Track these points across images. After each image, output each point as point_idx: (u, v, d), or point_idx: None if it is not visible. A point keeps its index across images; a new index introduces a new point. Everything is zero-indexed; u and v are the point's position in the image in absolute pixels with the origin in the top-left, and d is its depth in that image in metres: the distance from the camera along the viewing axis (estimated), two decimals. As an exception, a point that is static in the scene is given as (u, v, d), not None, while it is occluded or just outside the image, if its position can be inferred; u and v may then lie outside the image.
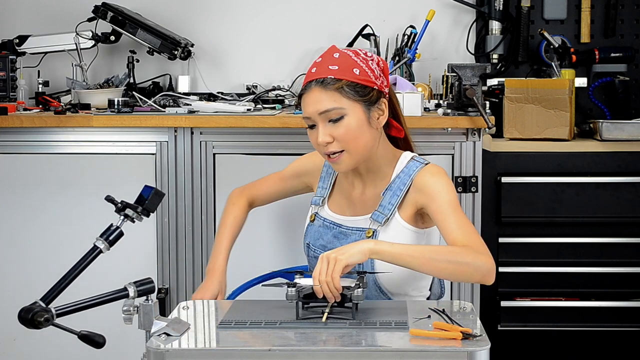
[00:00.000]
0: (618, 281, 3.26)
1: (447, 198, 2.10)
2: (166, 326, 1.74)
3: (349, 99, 2.07)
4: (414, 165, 2.17)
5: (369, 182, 2.20)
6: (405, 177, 2.15)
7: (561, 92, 3.25)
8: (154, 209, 1.96)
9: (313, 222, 2.25)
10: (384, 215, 2.13)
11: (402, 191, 2.13)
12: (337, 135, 2.07)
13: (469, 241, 2.02)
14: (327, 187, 2.27)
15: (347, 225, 2.19)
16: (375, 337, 1.74)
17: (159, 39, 3.56)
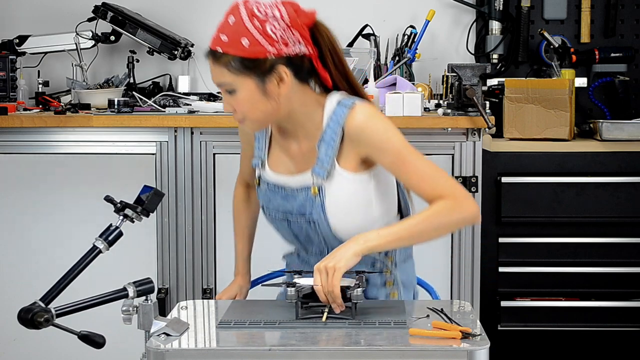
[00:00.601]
0: (618, 281, 3.26)
1: (396, 146, 2.01)
2: (165, 326, 1.74)
3: (236, 74, 1.96)
4: (340, 111, 2.04)
5: (301, 135, 2.10)
6: (335, 126, 2.04)
7: (561, 92, 3.25)
8: (154, 209, 1.96)
9: (260, 186, 2.18)
10: (324, 168, 2.05)
11: (335, 141, 2.04)
12: (233, 104, 2.02)
13: (443, 190, 1.98)
14: (263, 147, 2.18)
15: (291, 185, 2.11)
16: (374, 336, 1.74)
17: (159, 39, 3.56)
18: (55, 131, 3.14)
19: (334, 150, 2.05)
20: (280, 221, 2.15)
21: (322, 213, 2.06)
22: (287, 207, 2.12)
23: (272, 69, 1.97)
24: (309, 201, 2.07)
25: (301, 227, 2.11)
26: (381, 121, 2.04)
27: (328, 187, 2.06)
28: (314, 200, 2.07)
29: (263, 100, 2.00)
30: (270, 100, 2.00)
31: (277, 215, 2.14)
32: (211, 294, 3.10)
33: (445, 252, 3.11)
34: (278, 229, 2.19)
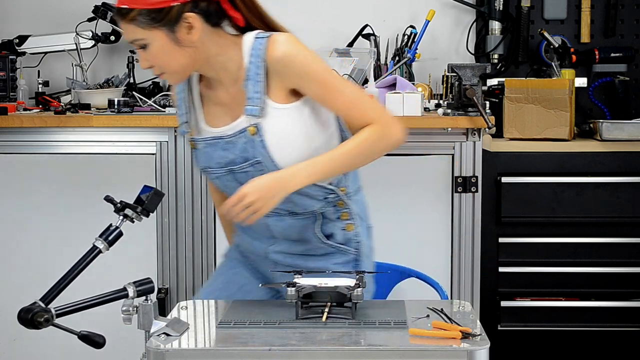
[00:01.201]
0: (618, 281, 3.26)
1: (320, 73, 2.03)
2: (165, 326, 1.74)
3: (145, 28, 1.97)
4: (258, 44, 2.03)
5: (226, 80, 2.09)
6: (257, 60, 2.03)
7: (561, 92, 3.25)
8: (154, 209, 1.96)
9: (196, 149, 2.15)
10: (256, 105, 2.03)
11: (260, 75, 2.03)
12: (150, 60, 2.02)
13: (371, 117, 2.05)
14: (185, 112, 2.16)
15: (228, 133, 2.09)
16: (374, 336, 1.74)
17: (159, 39, 3.56)
18: (55, 131, 3.14)
19: (261, 85, 2.04)
20: (225, 176, 2.11)
21: (264, 151, 2.04)
22: (229, 157, 2.09)
23: (179, 17, 1.98)
24: (250, 143, 2.05)
25: (247, 174, 2.07)
26: (302, 50, 2.04)
27: (265, 124, 2.04)
28: (254, 140, 2.04)
29: (177, 49, 2.01)
30: (184, 48, 2.01)
31: (221, 170, 2.11)
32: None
33: (445, 252, 3.12)
34: (226, 187, 2.14)
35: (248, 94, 2.04)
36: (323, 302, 1.87)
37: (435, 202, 3.12)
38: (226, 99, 2.11)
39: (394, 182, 3.14)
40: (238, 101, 2.07)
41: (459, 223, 3.10)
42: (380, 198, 3.16)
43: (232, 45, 2.07)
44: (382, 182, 3.13)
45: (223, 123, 2.10)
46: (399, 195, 3.15)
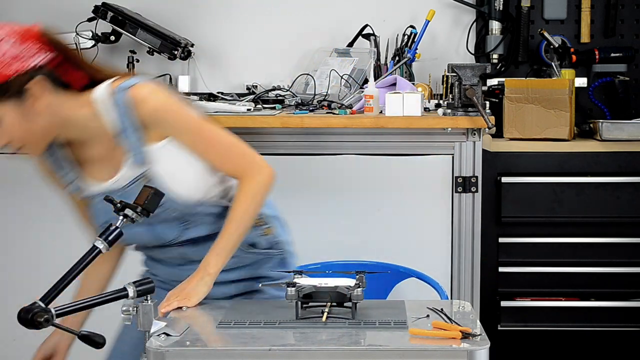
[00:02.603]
0: (618, 281, 3.26)
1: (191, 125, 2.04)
2: (165, 326, 1.74)
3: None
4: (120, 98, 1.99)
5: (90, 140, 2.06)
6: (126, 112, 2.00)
7: (561, 92, 3.25)
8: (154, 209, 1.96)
9: (92, 205, 2.11)
10: (140, 154, 2.02)
11: (134, 127, 2.00)
12: (7, 136, 1.95)
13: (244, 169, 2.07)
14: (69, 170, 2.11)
15: (122, 184, 2.06)
16: (374, 336, 1.74)
17: (159, 39, 3.56)
18: (55, 131, 3.13)
19: (137, 135, 2.02)
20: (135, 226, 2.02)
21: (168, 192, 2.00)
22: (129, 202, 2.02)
23: (22, 88, 1.93)
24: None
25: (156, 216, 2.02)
26: (170, 100, 2.03)
27: (155, 168, 2.03)
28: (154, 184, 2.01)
29: (29, 120, 1.95)
30: (36, 118, 1.96)
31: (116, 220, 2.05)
32: (211, 294, 3.10)
33: (445, 253, 3.12)
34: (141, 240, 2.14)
35: (127, 147, 2.02)
36: (323, 302, 1.87)
37: (435, 202, 3.12)
38: (100, 153, 2.07)
39: (394, 182, 3.14)
40: (115, 152, 2.05)
41: (459, 223, 3.10)
42: (380, 198, 3.16)
43: (84, 103, 2.02)
44: (382, 182, 3.13)
45: (106, 176, 2.08)
46: (399, 195, 3.15)
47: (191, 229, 2.10)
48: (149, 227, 2.06)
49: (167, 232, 2.10)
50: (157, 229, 2.09)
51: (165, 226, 2.09)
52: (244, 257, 2.16)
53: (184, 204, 2.06)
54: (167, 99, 2.03)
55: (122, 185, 2.06)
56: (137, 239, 2.13)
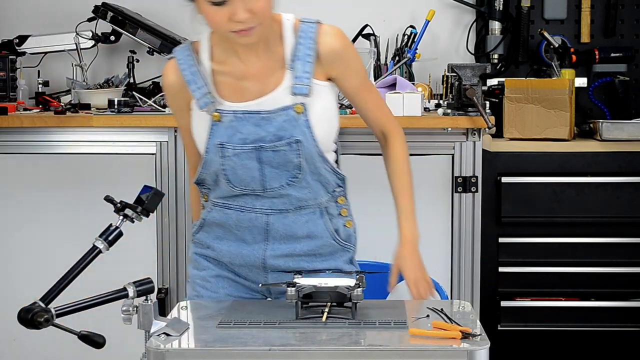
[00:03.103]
0: (618, 281, 3.26)
1: (362, 71, 2.13)
2: (165, 326, 1.74)
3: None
4: (307, 28, 2.07)
5: (263, 54, 2.04)
6: (308, 41, 2.05)
7: (561, 92, 3.25)
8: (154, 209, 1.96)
9: (220, 121, 2.04)
10: (306, 85, 2.02)
11: (311, 57, 2.04)
12: (256, 7, 1.91)
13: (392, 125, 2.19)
14: (204, 85, 2.06)
15: (266, 109, 2.03)
16: (374, 336, 1.74)
17: (159, 39, 3.56)
18: (55, 131, 3.14)
19: (310, 66, 2.04)
20: (246, 153, 2.04)
21: (307, 130, 2.03)
22: (259, 133, 2.03)
23: None
24: (291, 121, 2.02)
25: (277, 153, 2.03)
26: (351, 45, 2.13)
27: (310, 104, 2.03)
28: (298, 119, 2.02)
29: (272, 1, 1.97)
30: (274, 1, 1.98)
31: (245, 147, 2.04)
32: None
33: (445, 252, 3.12)
34: (238, 167, 2.06)
35: (296, 72, 2.03)
36: (323, 302, 1.87)
37: (435, 202, 3.12)
38: (254, 75, 2.05)
39: (394, 182, 3.14)
40: (269, 79, 2.05)
41: (459, 223, 3.10)
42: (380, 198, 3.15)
43: (277, 19, 2.08)
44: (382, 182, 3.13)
45: (244, 97, 2.05)
46: (399, 195, 3.14)
47: (294, 187, 2.07)
48: (261, 164, 2.05)
49: (274, 177, 2.07)
50: (265, 170, 2.06)
51: (277, 171, 2.06)
52: (325, 245, 2.15)
53: (314, 150, 2.05)
54: (349, 43, 2.11)
55: (267, 108, 2.04)
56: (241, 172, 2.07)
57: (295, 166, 2.06)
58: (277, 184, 2.08)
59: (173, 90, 2.13)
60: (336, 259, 2.18)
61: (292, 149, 2.03)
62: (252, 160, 2.05)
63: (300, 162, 2.05)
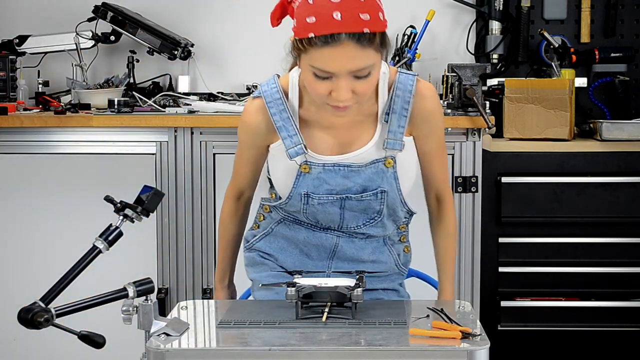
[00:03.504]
0: (618, 281, 3.26)
1: (442, 134, 2.13)
2: (165, 326, 1.74)
3: (379, 52, 1.85)
4: (406, 80, 2.02)
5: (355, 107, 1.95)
6: (406, 95, 2.01)
7: (561, 92, 3.25)
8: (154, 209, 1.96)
9: (309, 172, 2.03)
10: (399, 140, 2.02)
11: (407, 111, 2.01)
12: (359, 90, 1.86)
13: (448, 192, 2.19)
14: (295, 134, 2.02)
15: (354, 162, 2.03)
16: (374, 336, 1.74)
17: (159, 39, 3.56)
18: (55, 131, 3.14)
19: (405, 121, 2.02)
20: (332, 203, 2.05)
21: (394, 182, 2.05)
22: (347, 185, 2.04)
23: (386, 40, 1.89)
24: (380, 174, 2.04)
25: (362, 202, 2.06)
26: (441, 108, 2.12)
27: (399, 157, 2.05)
28: (386, 172, 2.04)
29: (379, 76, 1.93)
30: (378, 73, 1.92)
31: (332, 197, 2.05)
32: (211, 294, 3.10)
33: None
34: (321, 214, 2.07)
35: (390, 127, 2.02)
36: (323, 302, 1.87)
37: (435, 202, 3.11)
38: (343, 130, 2.04)
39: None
40: (359, 133, 2.04)
41: (459, 223, 3.10)
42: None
43: None
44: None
45: (329, 151, 2.04)
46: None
47: (369, 227, 2.11)
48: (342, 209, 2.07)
49: (352, 219, 2.09)
50: (346, 214, 2.08)
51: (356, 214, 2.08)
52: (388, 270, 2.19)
53: (397, 199, 2.08)
54: (439, 105, 2.11)
55: (357, 162, 2.03)
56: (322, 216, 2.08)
57: (376, 212, 2.10)
58: (354, 224, 2.12)
59: (257, 130, 2.08)
60: (393, 280, 2.22)
61: (377, 199, 2.07)
62: (335, 207, 2.08)
63: (382, 209, 2.09)
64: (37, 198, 3.17)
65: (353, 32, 1.79)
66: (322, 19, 1.80)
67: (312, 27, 1.81)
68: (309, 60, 1.85)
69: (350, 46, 1.79)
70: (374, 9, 1.82)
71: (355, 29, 1.79)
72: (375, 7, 1.83)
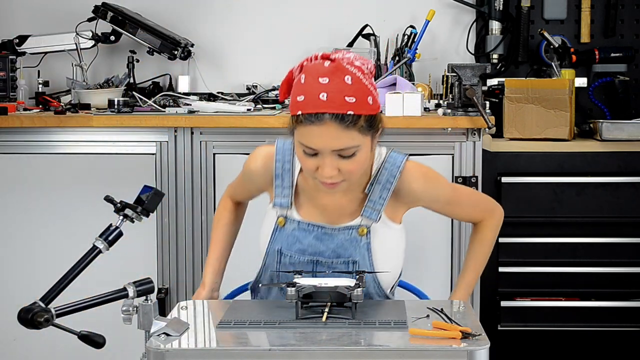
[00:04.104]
0: (618, 281, 3.26)
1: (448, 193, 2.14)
2: (166, 326, 1.74)
3: (364, 134, 1.92)
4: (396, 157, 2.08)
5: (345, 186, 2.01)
6: (393, 169, 2.06)
7: (561, 92, 3.25)
8: (154, 209, 1.96)
9: (283, 227, 2.10)
10: (376, 210, 2.05)
11: (391, 184, 2.05)
12: (345, 169, 1.93)
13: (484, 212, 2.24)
14: (288, 187, 2.10)
15: (327, 223, 2.08)
16: (374, 336, 1.74)
17: (159, 39, 3.56)
18: (55, 131, 3.14)
19: (387, 194, 2.06)
20: (303, 265, 2.09)
21: (367, 254, 2.07)
22: (319, 248, 2.08)
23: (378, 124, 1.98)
24: (352, 241, 2.06)
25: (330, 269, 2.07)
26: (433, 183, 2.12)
27: (375, 230, 2.07)
28: (359, 240, 2.06)
29: (366, 162, 2.00)
30: (368, 160, 2.01)
31: (302, 258, 2.09)
32: (211, 294, 3.10)
33: (445, 252, 3.11)
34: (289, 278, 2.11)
35: (371, 197, 2.06)
36: (323, 302, 1.87)
37: (435, 202, 3.11)
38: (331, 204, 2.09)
39: (394, 182, 3.14)
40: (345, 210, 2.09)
41: (459, 223, 3.10)
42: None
43: None
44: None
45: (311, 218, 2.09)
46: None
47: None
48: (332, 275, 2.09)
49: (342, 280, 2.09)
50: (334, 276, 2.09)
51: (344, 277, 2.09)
52: None
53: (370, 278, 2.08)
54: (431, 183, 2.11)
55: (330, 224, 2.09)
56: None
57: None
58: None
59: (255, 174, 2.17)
60: None
61: (347, 269, 2.07)
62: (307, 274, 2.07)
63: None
64: (37, 198, 3.16)
65: (336, 113, 1.87)
66: (309, 99, 1.89)
67: (301, 105, 1.91)
68: (299, 136, 1.94)
69: (333, 126, 1.87)
70: (362, 92, 1.91)
71: (339, 110, 1.87)
72: (363, 91, 1.91)
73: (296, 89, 1.95)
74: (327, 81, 1.89)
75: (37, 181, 3.18)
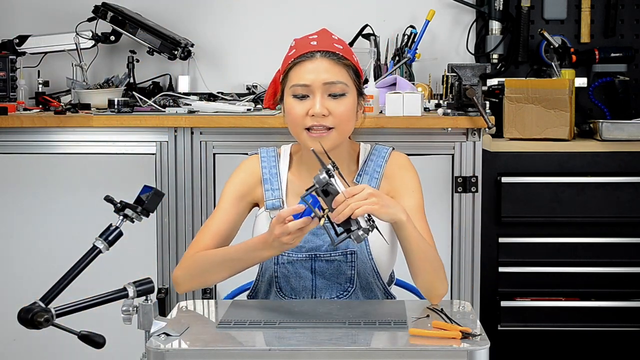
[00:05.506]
0: (618, 281, 3.26)
1: (419, 201, 2.14)
2: (166, 326, 1.74)
3: (351, 80, 2.08)
4: (381, 149, 2.19)
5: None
6: (379, 160, 2.16)
7: (561, 92, 3.25)
8: (154, 209, 1.96)
9: None
10: None
11: (378, 174, 2.13)
12: (335, 111, 2.04)
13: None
14: (278, 189, 2.15)
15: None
16: (374, 336, 1.74)
17: (159, 39, 3.56)
18: (55, 131, 3.14)
19: (376, 183, 2.11)
20: (300, 262, 2.10)
21: (364, 244, 2.07)
22: (316, 243, 2.09)
23: (363, 93, 2.14)
24: None
25: (331, 263, 2.08)
26: (417, 176, 2.18)
27: None
28: None
29: (354, 117, 2.10)
30: (354, 121, 2.10)
31: (300, 255, 2.10)
32: (211, 294, 3.10)
33: (445, 252, 3.11)
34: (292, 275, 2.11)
35: None
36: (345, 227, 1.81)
37: (435, 202, 3.11)
38: None
39: (394, 182, 3.14)
40: None
41: (459, 223, 3.10)
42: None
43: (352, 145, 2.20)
44: (382, 182, 3.13)
45: None
46: (399, 195, 3.14)
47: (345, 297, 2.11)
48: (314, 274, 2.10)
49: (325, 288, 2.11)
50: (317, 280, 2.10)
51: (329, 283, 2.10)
52: None
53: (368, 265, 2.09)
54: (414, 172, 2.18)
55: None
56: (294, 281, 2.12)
57: (348, 279, 2.10)
58: (327, 295, 2.12)
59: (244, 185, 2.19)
60: None
61: (346, 260, 2.08)
62: (306, 269, 2.10)
63: (353, 275, 2.09)
64: (37, 198, 3.16)
65: (327, 50, 2.07)
66: (300, 48, 2.10)
67: (292, 56, 2.11)
68: (289, 83, 2.08)
69: (325, 61, 2.06)
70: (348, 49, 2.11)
71: (329, 49, 2.07)
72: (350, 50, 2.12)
73: (288, 52, 2.16)
74: (316, 37, 2.12)
75: (37, 181, 3.18)
